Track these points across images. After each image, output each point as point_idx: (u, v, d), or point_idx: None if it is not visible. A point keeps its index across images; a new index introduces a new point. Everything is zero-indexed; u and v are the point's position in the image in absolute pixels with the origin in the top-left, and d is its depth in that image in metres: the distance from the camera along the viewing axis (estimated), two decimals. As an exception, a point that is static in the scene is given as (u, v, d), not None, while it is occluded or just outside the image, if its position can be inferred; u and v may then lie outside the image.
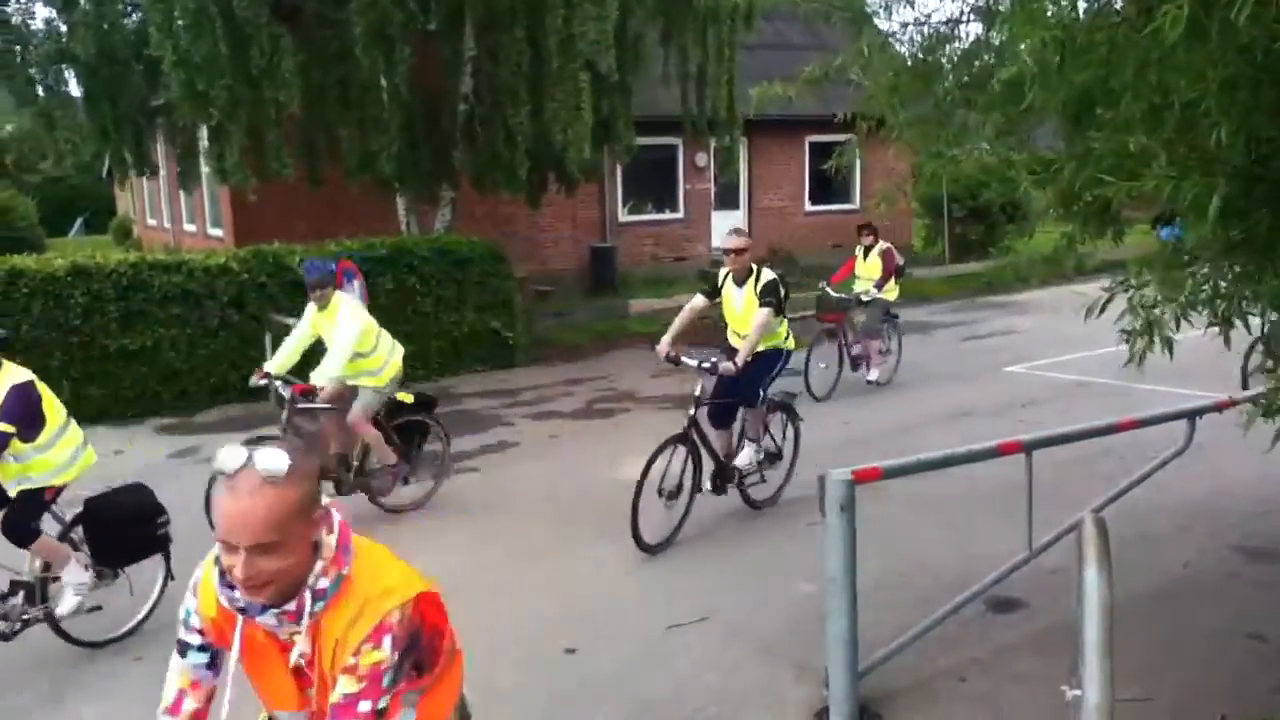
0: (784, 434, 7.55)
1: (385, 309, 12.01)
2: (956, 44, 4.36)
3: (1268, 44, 2.68)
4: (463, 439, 9.80)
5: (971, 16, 4.33)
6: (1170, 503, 6.89)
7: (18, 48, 12.10)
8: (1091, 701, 2.77)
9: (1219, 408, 6.02)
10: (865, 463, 4.49)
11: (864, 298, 11.31)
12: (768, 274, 7.00)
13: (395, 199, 14.61)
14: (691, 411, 6.71)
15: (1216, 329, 3.57)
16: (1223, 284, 3.44)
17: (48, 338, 10.41)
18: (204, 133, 13.01)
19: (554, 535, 7.00)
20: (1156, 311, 3.40)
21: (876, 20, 4.71)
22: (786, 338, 7.23)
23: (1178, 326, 3.43)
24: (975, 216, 21.74)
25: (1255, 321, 3.69)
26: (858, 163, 19.57)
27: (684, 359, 6.76)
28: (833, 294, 11.36)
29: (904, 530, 6.67)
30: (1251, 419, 3.76)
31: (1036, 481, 4.93)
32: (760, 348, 6.89)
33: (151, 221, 25.60)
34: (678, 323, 7.06)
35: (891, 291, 11.46)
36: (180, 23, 11.10)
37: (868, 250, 11.59)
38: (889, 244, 11.64)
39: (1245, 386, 8.70)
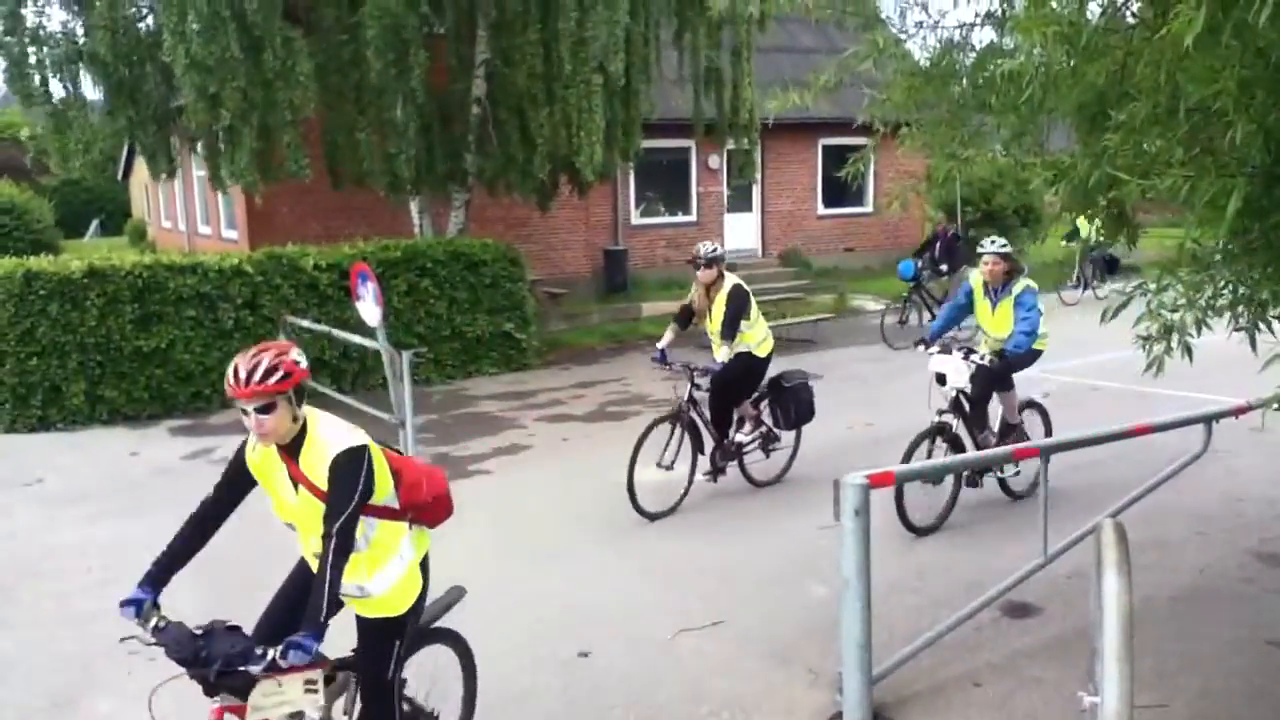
0: None
1: (399, 311, 12.10)
2: (970, 49, 4.35)
3: (1286, 46, 2.66)
4: (475, 441, 9.82)
5: (984, 22, 4.32)
6: (1187, 507, 6.84)
7: (32, 49, 12.16)
8: (1110, 708, 2.75)
9: (1236, 412, 6.00)
10: (880, 465, 4.48)
11: None
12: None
13: (409, 202, 14.66)
14: None
15: (1241, 333, 3.52)
16: (1243, 288, 3.39)
17: (64, 339, 10.48)
18: (220, 135, 13.05)
19: (567, 538, 7.00)
20: (1176, 316, 3.34)
21: (889, 25, 4.70)
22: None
23: (1199, 332, 3.38)
24: (988, 220, 21.71)
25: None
26: (872, 167, 19.57)
27: None
28: None
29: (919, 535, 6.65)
30: (1269, 404, 3.70)
31: (1051, 486, 4.92)
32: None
33: (167, 224, 25.73)
34: None
35: None
36: (194, 26, 11.12)
37: None
38: None
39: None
